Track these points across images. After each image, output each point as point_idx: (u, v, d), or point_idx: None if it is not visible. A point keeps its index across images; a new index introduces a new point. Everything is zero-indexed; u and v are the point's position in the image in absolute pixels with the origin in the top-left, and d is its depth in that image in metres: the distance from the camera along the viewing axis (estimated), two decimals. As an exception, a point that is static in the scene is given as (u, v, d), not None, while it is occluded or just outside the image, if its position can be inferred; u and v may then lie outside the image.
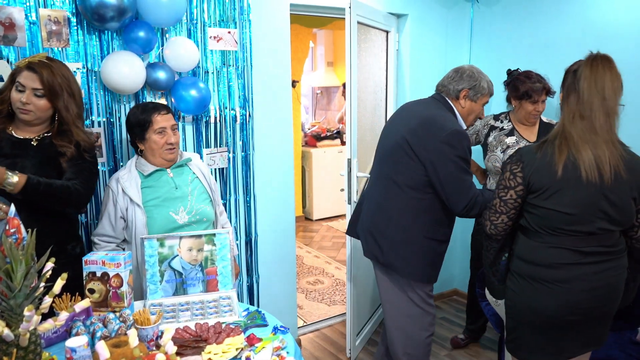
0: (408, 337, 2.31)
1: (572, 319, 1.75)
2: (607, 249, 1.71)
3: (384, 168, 2.22)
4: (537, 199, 1.73)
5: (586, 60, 1.71)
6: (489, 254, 1.93)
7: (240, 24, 2.71)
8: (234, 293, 1.99)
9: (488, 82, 2.19)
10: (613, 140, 1.66)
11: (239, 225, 2.89)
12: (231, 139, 2.78)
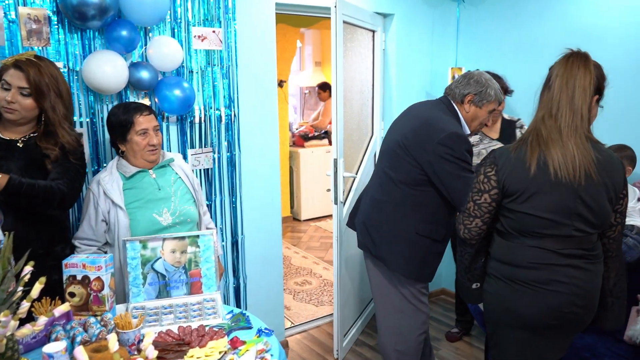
0: (399, 333, 2.30)
1: (553, 323, 1.72)
2: (586, 252, 1.68)
3: (382, 164, 2.26)
4: (512, 203, 1.70)
5: (562, 58, 1.69)
6: (464, 259, 1.88)
7: (225, 23, 2.68)
8: (218, 295, 1.96)
9: (496, 89, 2.18)
10: (582, 141, 1.62)
11: (225, 226, 2.86)
12: (216, 139, 2.76)
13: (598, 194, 1.63)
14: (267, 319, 3.07)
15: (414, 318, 2.28)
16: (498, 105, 2.22)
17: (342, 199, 2.89)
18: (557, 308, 1.69)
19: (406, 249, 2.17)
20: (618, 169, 1.68)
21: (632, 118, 2.78)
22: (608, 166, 1.65)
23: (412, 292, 2.24)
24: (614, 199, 1.68)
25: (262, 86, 2.90)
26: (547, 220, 1.65)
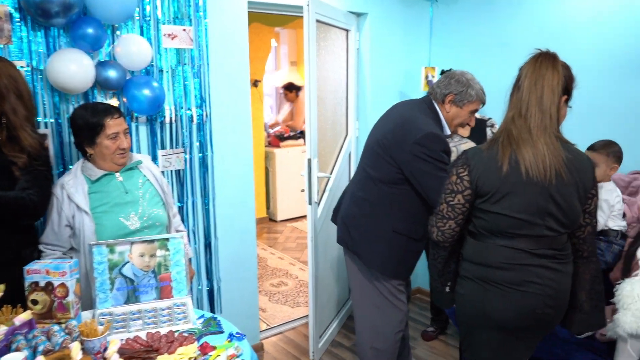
0: (376, 330, 2.30)
1: (525, 323, 1.72)
2: (557, 252, 1.69)
3: (363, 162, 2.29)
4: (485, 203, 1.69)
5: (531, 58, 1.69)
6: (437, 263, 1.86)
7: (195, 21, 2.63)
8: (189, 299, 1.92)
9: (478, 90, 2.16)
10: (552, 140, 1.63)
11: (198, 228, 2.81)
12: (188, 139, 2.70)
13: (568, 193, 1.64)
14: (241, 321, 3.03)
15: (390, 315, 2.28)
16: (480, 106, 2.21)
17: (316, 200, 2.86)
18: (530, 308, 1.69)
19: (383, 247, 2.18)
20: (587, 168, 1.69)
21: (602, 117, 2.82)
22: (578, 166, 1.65)
23: (388, 289, 2.25)
24: (583, 198, 1.68)
25: (235, 85, 2.85)
26: (519, 220, 1.65)
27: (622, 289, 2.21)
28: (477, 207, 1.72)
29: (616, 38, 2.76)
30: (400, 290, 2.28)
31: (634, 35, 2.68)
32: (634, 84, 2.71)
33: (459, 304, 1.86)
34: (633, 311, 2.11)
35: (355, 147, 3.60)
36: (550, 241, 1.67)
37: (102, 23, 2.25)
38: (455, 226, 1.76)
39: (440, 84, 2.19)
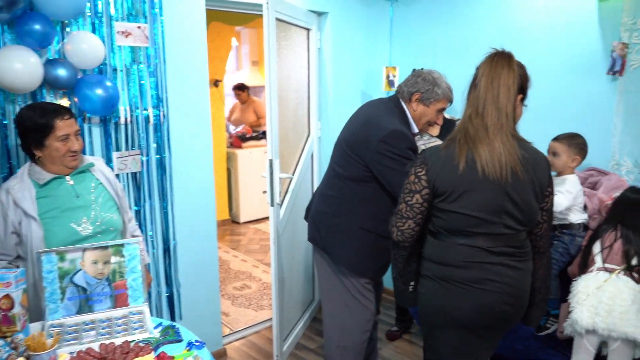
0: (343, 328, 2.31)
1: (485, 322, 1.72)
2: (516, 250, 1.70)
3: (332, 160, 2.31)
4: (443, 202, 1.69)
5: (487, 57, 1.70)
6: (398, 263, 1.85)
7: (151, 18, 2.54)
8: (146, 307, 1.84)
9: (444, 88, 2.17)
10: (508, 139, 1.63)
11: (156, 232, 2.72)
12: (144, 141, 2.61)
13: (525, 191, 1.65)
14: (203, 327, 2.96)
15: (358, 314, 2.29)
16: (448, 104, 2.22)
17: (278, 201, 2.81)
18: (489, 307, 1.69)
19: (352, 244, 2.19)
20: (544, 166, 1.70)
21: (557, 117, 2.88)
22: (534, 164, 1.67)
23: (356, 287, 2.25)
24: (539, 196, 1.70)
25: (194, 85, 2.78)
26: (477, 219, 1.65)
27: (577, 285, 2.26)
28: (436, 207, 1.72)
29: (571, 41, 2.82)
30: (368, 289, 2.29)
31: (587, 38, 2.75)
32: (587, 85, 2.77)
33: (420, 303, 1.85)
34: (587, 307, 2.15)
35: (318, 147, 3.57)
36: (508, 239, 1.68)
37: (50, 19, 2.14)
38: (414, 226, 1.76)
39: (408, 82, 2.20)
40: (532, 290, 1.80)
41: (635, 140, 2.62)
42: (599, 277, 2.22)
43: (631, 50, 2.58)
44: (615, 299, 2.11)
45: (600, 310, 2.12)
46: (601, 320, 2.10)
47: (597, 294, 2.16)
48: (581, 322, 2.15)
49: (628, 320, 2.06)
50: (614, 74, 2.64)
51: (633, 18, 2.56)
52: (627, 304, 2.09)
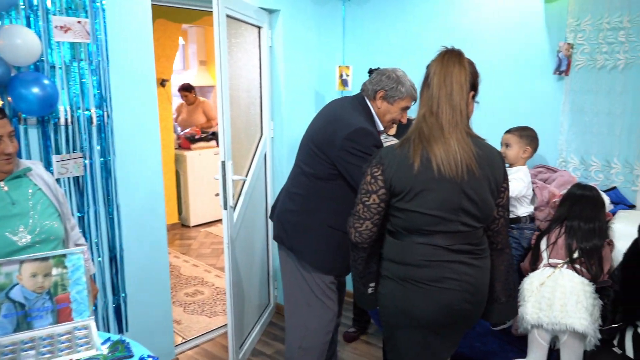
0: (306, 329, 2.30)
1: (446, 320, 1.72)
2: (473, 247, 1.70)
3: (298, 158, 2.31)
4: (400, 202, 1.68)
5: (438, 56, 1.71)
6: (358, 264, 1.82)
7: (92, 13, 2.39)
8: (92, 322, 1.72)
9: (408, 87, 2.18)
10: (463, 136, 1.64)
11: (101, 240, 2.57)
12: (87, 143, 2.46)
13: (480, 188, 1.65)
14: (154, 338, 2.83)
15: (320, 314, 2.28)
16: (412, 102, 2.23)
17: (231, 204, 2.72)
18: (449, 305, 1.69)
19: (318, 241, 2.19)
20: (498, 163, 1.72)
21: (508, 115, 2.93)
22: (489, 160, 1.68)
23: (320, 287, 2.25)
24: (495, 192, 1.71)
25: (140, 84, 2.64)
26: (434, 217, 1.65)
27: (524, 282, 2.30)
28: (393, 206, 1.71)
29: (519, 41, 2.88)
30: (332, 289, 2.29)
31: (534, 38, 2.81)
32: (536, 84, 2.84)
33: (381, 304, 1.83)
34: (532, 302, 2.20)
35: (271, 148, 3.49)
36: (466, 236, 1.68)
37: (-22, 11, 1.98)
38: (372, 226, 1.74)
39: (372, 80, 2.21)
40: (491, 287, 1.81)
41: (581, 138, 2.71)
42: (544, 273, 2.28)
43: (576, 50, 2.66)
44: (555, 293, 2.17)
45: (542, 305, 2.17)
46: (544, 315, 2.15)
47: (540, 289, 2.21)
48: (527, 317, 2.19)
49: (567, 312, 2.10)
50: (560, 73, 2.71)
51: (577, 19, 2.63)
52: (566, 296, 2.14)
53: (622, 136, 2.58)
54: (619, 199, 2.57)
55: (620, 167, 2.60)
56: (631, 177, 2.57)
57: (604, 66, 2.58)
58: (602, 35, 2.57)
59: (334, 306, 2.31)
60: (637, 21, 2.45)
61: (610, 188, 2.61)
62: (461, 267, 1.68)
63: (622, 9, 2.49)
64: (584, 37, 2.63)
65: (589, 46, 2.62)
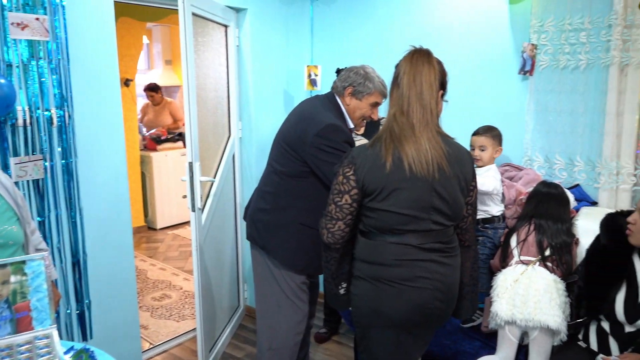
0: (275, 330, 2.29)
1: (418, 319, 1.72)
2: (444, 246, 1.71)
3: (270, 156, 2.31)
4: (373, 201, 1.67)
5: (406, 55, 1.71)
6: (330, 265, 1.81)
7: (51, 9, 2.30)
8: (54, 331, 1.65)
9: (377, 83, 2.19)
10: (434, 135, 1.65)
11: (63, 244, 2.48)
12: (47, 144, 2.37)
13: (451, 187, 1.67)
14: (121, 344, 2.76)
15: (290, 315, 2.27)
16: (382, 99, 2.23)
17: (199, 206, 2.67)
18: (422, 304, 1.69)
19: (289, 239, 2.19)
20: (467, 161, 1.74)
21: (474, 113, 2.97)
22: (458, 159, 1.70)
23: (290, 286, 2.24)
24: (465, 190, 1.73)
25: (102, 84, 2.56)
26: (406, 216, 1.65)
27: (497, 279, 2.33)
28: (366, 206, 1.70)
29: (485, 41, 2.92)
30: (303, 289, 2.28)
31: (500, 38, 2.86)
32: (501, 84, 2.89)
33: (353, 304, 1.82)
34: (507, 299, 2.22)
35: (239, 148, 3.45)
36: (437, 235, 1.69)
37: None
38: (344, 227, 1.73)
39: (341, 77, 2.22)
40: (461, 284, 1.83)
41: (545, 137, 2.76)
42: (516, 270, 2.31)
43: (540, 51, 2.71)
44: (529, 290, 2.20)
45: (517, 302, 2.19)
46: (518, 312, 2.17)
47: (514, 286, 2.23)
48: (501, 314, 2.21)
49: (541, 309, 2.14)
50: (525, 73, 2.77)
51: (541, 20, 2.69)
52: (540, 294, 2.17)
53: (584, 135, 2.64)
54: (582, 196, 2.64)
55: (583, 165, 2.66)
56: (593, 174, 2.64)
57: (567, 66, 2.64)
58: (564, 36, 2.63)
59: (304, 307, 2.30)
60: (597, 22, 2.52)
61: (574, 185, 2.67)
62: (433, 266, 1.68)
63: (583, 11, 2.56)
64: (547, 38, 2.69)
65: (552, 47, 2.68)
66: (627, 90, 2.51)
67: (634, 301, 1.94)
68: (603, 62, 2.52)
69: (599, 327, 2.06)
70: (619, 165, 2.55)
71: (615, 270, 2.01)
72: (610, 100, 2.52)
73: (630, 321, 1.93)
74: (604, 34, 2.51)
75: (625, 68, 2.49)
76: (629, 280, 1.97)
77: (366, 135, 2.99)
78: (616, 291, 1.98)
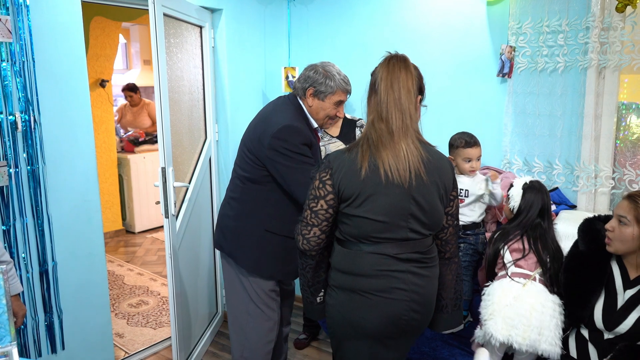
0: (246, 338, 2.26)
1: (393, 331, 1.68)
2: (421, 256, 1.66)
3: (235, 161, 2.27)
4: (349, 207, 1.63)
5: (383, 61, 1.67)
6: (306, 272, 1.76)
7: (14, 9, 2.22)
8: (13, 349, 1.57)
9: (338, 80, 2.10)
10: (413, 141, 1.62)
11: (30, 254, 2.39)
12: (11, 150, 2.28)
13: (429, 194, 1.62)
14: (92, 354, 2.69)
15: (259, 323, 2.24)
16: (345, 95, 2.16)
17: (173, 212, 2.59)
18: (397, 316, 1.65)
19: (255, 245, 2.15)
20: (447, 170, 1.69)
21: (453, 116, 2.95)
22: (438, 167, 1.65)
23: (258, 294, 2.20)
24: (444, 199, 1.68)
25: (70, 87, 2.48)
26: (382, 223, 1.61)
27: (492, 295, 2.15)
28: (342, 212, 1.66)
29: (464, 43, 2.89)
30: (272, 297, 2.24)
31: (478, 40, 2.83)
32: (480, 86, 2.86)
33: (329, 315, 1.77)
34: (503, 318, 2.04)
35: (216, 152, 3.38)
36: (414, 245, 1.65)
37: None
38: (320, 233, 1.68)
39: (300, 78, 2.16)
40: (439, 296, 1.78)
41: (524, 139, 2.74)
42: (513, 285, 2.13)
43: (518, 53, 2.69)
44: (532, 312, 2.02)
45: (516, 323, 2.01)
46: (518, 335, 1.99)
47: (515, 305, 2.04)
48: (496, 334, 2.01)
49: (546, 339, 1.98)
50: (503, 75, 2.74)
51: (518, 22, 2.67)
52: (546, 319, 2.01)
53: (562, 137, 2.63)
54: (560, 199, 2.62)
55: (562, 168, 2.65)
56: (572, 177, 2.63)
57: (545, 69, 2.62)
58: (542, 39, 2.61)
59: (273, 315, 2.27)
60: (575, 25, 2.50)
61: (553, 189, 2.65)
62: (409, 277, 1.64)
63: (561, 13, 2.54)
64: (525, 40, 2.66)
65: (530, 49, 2.66)
66: (604, 93, 2.50)
67: (612, 308, 1.91)
68: (581, 64, 2.51)
69: (578, 334, 2.04)
70: (597, 169, 2.54)
71: (594, 277, 1.98)
72: (588, 103, 2.50)
73: (609, 328, 1.91)
74: (581, 36, 2.49)
75: (602, 71, 2.48)
76: (607, 287, 1.95)
77: (341, 137, 2.94)
78: (595, 298, 1.96)
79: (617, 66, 2.42)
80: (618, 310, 1.90)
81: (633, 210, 1.83)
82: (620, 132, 2.57)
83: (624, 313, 1.89)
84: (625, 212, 1.85)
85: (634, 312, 1.87)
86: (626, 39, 2.38)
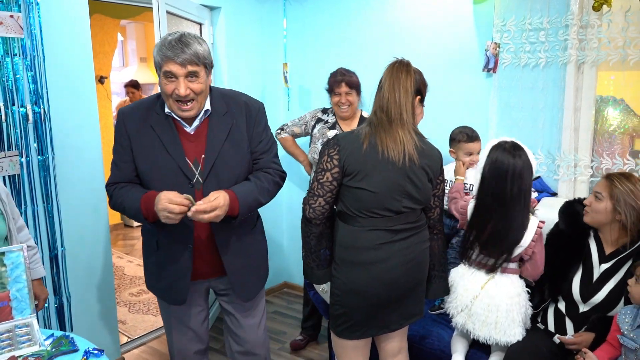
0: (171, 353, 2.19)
1: (393, 294, 1.92)
2: (411, 225, 1.92)
3: None
4: (351, 181, 1.86)
5: (389, 65, 1.94)
6: (310, 240, 1.98)
7: (25, 7, 2.34)
8: (33, 320, 1.70)
9: (157, 50, 1.71)
10: (409, 131, 1.87)
11: (40, 239, 2.51)
12: (23, 140, 2.40)
13: (421, 175, 1.88)
14: (98, 338, 2.80)
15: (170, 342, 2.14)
16: (175, 67, 1.68)
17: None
18: (395, 280, 1.90)
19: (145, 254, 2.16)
20: (436, 159, 1.95)
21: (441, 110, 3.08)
22: (428, 154, 1.91)
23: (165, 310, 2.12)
24: (433, 181, 1.94)
25: (77, 80, 2.60)
26: (378, 194, 1.84)
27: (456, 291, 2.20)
28: (345, 185, 1.89)
29: (451, 39, 3.02)
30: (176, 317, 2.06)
31: (465, 37, 2.97)
32: (467, 81, 3.00)
33: (336, 287, 1.97)
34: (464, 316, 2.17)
35: (215, 145, 3.50)
36: (406, 216, 1.90)
37: None
38: (324, 204, 1.91)
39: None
40: (431, 264, 2.04)
41: (509, 131, 2.88)
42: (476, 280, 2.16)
43: (502, 49, 2.84)
44: (490, 309, 2.11)
45: (475, 321, 2.14)
46: (476, 330, 2.14)
47: (474, 303, 2.13)
48: (459, 326, 2.21)
49: (502, 331, 2.09)
50: (489, 71, 2.89)
51: (503, 20, 2.81)
52: (502, 314, 2.09)
53: (544, 129, 2.78)
54: (542, 187, 2.77)
55: (544, 158, 2.80)
56: (553, 167, 2.78)
57: (527, 64, 2.77)
58: (525, 35, 2.76)
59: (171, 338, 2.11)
60: (555, 22, 2.65)
61: (535, 177, 2.80)
62: (403, 244, 1.90)
63: (542, 11, 2.69)
64: (509, 37, 2.81)
65: (514, 45, 2.80)
66: (583, 87, 2.65)
67: (589, 281, 2.09)
68: (561, 60, 2.65)
69: (556, 309, 2.19)
70: (577, 158, 2.69)
71: (573, 253, 2.17)
72: (568, 97, 2.65)
73: (585, 300, 2.08)
74: (561, 33, 2.64)
75: (581, 66, 2.63)
76: (585, 262, 2.13)
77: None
78: (574, 272, 2.14)
79: (594, 62, 2.57)
80: (594, 282, 2.08)
81: (608, 187, 2.03)
82: (597, 124, 2.73)
83: (598, 285, 2.07)
84: (601, 189, 2.06)
85: (607, 284, 2.05)
86: (603, 35, 2.53)
